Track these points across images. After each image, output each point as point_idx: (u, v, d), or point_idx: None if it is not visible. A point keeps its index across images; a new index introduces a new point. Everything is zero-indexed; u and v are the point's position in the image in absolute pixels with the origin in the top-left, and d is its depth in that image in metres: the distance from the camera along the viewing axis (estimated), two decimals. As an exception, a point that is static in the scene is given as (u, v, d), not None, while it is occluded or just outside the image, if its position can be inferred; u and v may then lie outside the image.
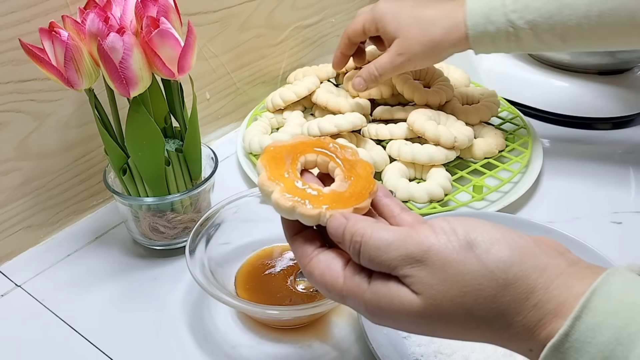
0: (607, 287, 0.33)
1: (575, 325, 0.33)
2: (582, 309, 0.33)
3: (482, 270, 0.35)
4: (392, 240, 0.37)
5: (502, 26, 0.65)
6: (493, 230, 0.36)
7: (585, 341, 0.32)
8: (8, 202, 0.64)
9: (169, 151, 0.61)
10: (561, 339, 0.33)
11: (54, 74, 0.54)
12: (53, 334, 0.58)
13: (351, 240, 0.38)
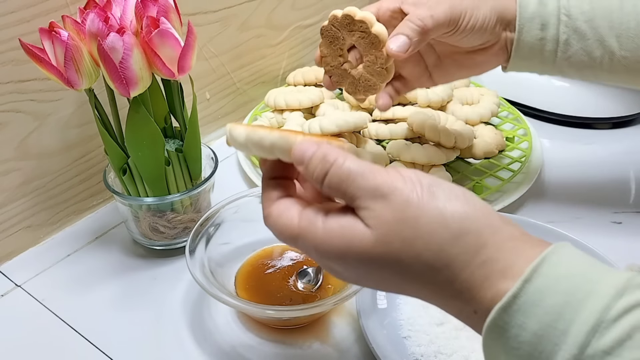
0: (557, 256, 0.33)
1: (524, 288, 0.32)
2: (532, 272, 0.33)
3: (438, 217, 0.35)
4: (363, 171, 0.37)
5: (554, 10, 0.57)
6: (455, 188, 0.37)
7: (533, 303, 0.32)
8: (8, 202, 0.64)
9: (169, 151, 0.61)
10: (509, 300, 0.33)
11: (54, 74, 0.54)
12: (53, 334, 0.58)
13: (320, 162, 0.37)
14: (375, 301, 0.58)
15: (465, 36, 0.57)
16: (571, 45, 0.57)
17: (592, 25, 0.56)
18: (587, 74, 0.59)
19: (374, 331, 0.54)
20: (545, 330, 0.32)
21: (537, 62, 0.59)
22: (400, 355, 0.53)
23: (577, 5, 0.56)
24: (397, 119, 0.78)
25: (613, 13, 0.56)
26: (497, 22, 0.57)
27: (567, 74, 0.59)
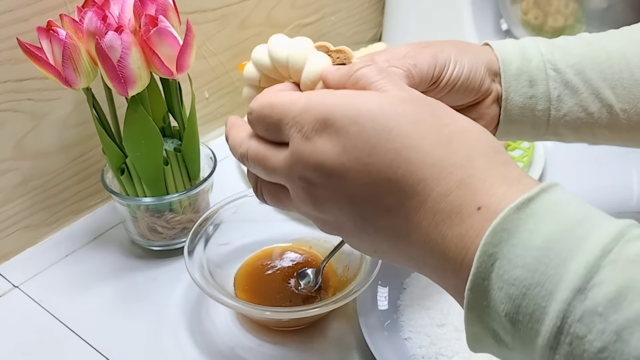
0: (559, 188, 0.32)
1: (541, 195, 0.30)
2: (549, 186, 0.31)
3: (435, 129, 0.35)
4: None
5: (540, 65, 0.50)
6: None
7: (549, 209, 0.30)
8: (5, 202, 0.64)
9: (168, 151, 0.61)
10: (523, 202, 0.30)
11: (52, 73, 0.54)
12: (51, 335, 0.58)
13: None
14: (375, 302, 0.58)
15: (454, 87, 0.48)
16: (564, 102, 0.50)
17: (584, 78, 0.49)
18: (585, 133, 0.52)
19: (374, 333, 0.54)
20: (561, 234, 0.29)
21: (529, 125, 0.51)
22: (400, 357, 0.53)
23: (562, 59, 0.50)
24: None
25: (602, 64, 0.50)
26: (486, 72, 0.49)
27: (562, 135, 0.52)
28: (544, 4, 0.84)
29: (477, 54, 0.49)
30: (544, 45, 0.51)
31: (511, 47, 0.50)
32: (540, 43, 0.51)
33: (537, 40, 0.51)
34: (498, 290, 0.30)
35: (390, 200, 0.34)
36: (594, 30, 0.82)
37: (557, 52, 0.50)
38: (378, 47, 0.84)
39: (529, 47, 0.50)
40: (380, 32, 1.07)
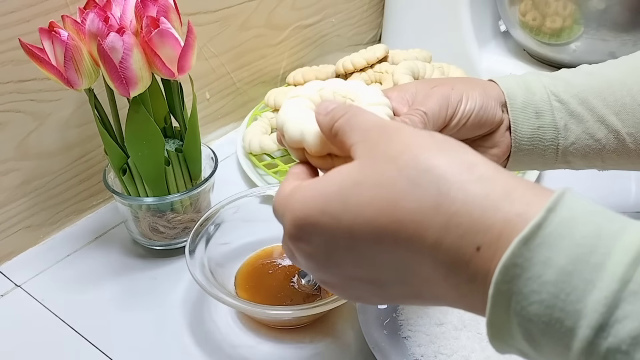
0: (574, 192, 0.29)
1: (549, 217, 0.28)
2: (556, 203, 0.28)
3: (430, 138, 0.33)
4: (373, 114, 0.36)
5: (544, 97, 0.50)
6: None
7: (560, 235, 0.27)
8: (8, 202, 0.64)
9: (169, 151, 0.61)
10: (532, 231, 0.28)
11: (54, 73, 0.54)
12: (53, 334, 0.58)
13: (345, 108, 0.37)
14: (375, 301, 0.58)
15: (465, 127, 0.48)
16: (571, 130, 0.50)
17: (588, 107, 0.50)
18: (594, 159, 0.52)
19: (373, 331, 0.54)
20: (575, 265, 0.27)
21: (538, 155, 0.51)
22: (400, 355, 0.53)
23: (565, 90, 0.50)
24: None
25: (604, 92, 0.50)
26: (496, 104, 0.49)
27: (572, 163, 0.52)
28: (542, 6, 0.84)
29: (485, 88, 0.50)
30: (546, 79, 0.51)
31: (514, 82, 0.51)
32: (542, 77, 0.51)
33: (539, 74, 0.52)
34: (517, 326, 0.29)
35: (389, 274, 0.33)
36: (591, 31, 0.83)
37: (559, 84, 0.50)
38: (377, 48, 0.84)
39: (531, 80, 0.51)
40: (380, 34, 1.07)
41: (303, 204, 0.34)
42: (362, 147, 0.34)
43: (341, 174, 0.34)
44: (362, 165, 0.33)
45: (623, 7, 0.80)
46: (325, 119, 0.37)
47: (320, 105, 0.38)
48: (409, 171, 0.31)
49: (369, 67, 0.84)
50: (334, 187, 0.33)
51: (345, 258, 0.34)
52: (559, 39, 0.85)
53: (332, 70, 0.87)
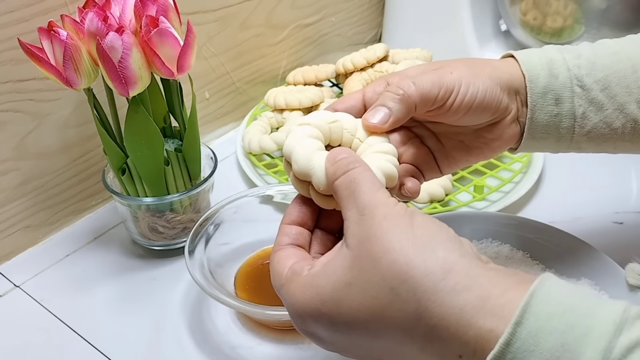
0: (545, 290, 0.30)
1: (516, 332, 0.29)
2: (523, 313, 0.30)
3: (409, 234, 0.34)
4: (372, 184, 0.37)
5: (566, 82, 0.48)
6: (435, 218, 0.36)
7: (528, 349, 0.29)
8: (6, 202, 0.64)
9: (168, 151, 0.61)
10: (502, 349, 0.29)
11: (53, 73, 0.54)
12: (51, 334, 0.58)
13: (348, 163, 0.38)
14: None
15: (468, 110, 0.47)
16: (589, 119, 0.49)
17: (609, 94, 0.48)
18: (607, 147, 0.51)
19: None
20: None
21: (552, 141, 0.50)
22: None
23: (589, 73, 0.48)
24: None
25: (628, 78, 0.48)
26: (503, 92, 0.47)
27: (584, 149, 0.51)
28: (543, 5, 0.84)
29: (493, 74, 0.47)
30: (570, 58, 0.49)
31: (538, 61, 0.49)
32: (566, 54, 0.49)
33: (563, 52, 0.50)
34: None
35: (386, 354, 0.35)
36: (592, 31, 0.83)
37: (583, 66, 0.48)
38: (378, 48, 0.84)
39: (555, 60, 0.49)
40: (380, 33, 1.07)
41: (302, 302, 0.36)
42: (354, 235, 0.36)
43: (336, 272, 0.35)
44: (352, 264, 0.35)
45: (624, 6, 0.80)
46: (331, 170, 0.39)
47: (332, 152, 0.40)
48: (390, 280, 0.33)
49: (369, 67, 0.84)
50: (329, 288, 0.35)
51: (345, 342, 0.37)
52: (559, 38, 0.85)
53: (332, 69, 0.86)
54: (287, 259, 0.39)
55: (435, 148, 0.50)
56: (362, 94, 0.47)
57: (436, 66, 0.47)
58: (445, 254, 0.33)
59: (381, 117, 0.44)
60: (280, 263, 0.39)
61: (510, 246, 0.60)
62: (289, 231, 0.41)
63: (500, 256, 0.59)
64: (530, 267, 0.58)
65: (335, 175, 0.38)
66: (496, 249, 0.60)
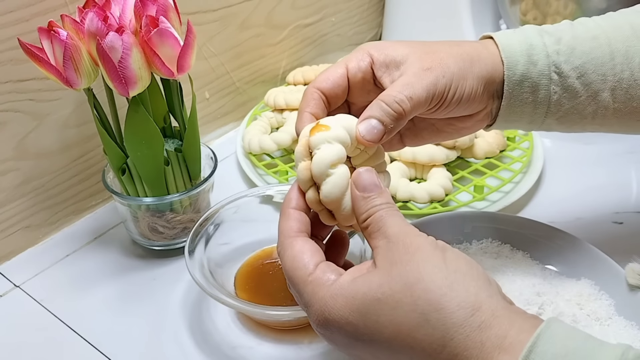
0: (550, 331, 0.33)
1: None
2: (529, 353, 0.33)
3: (441, 267, 0.36)
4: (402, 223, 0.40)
5: (544, 69, 0.48)
6: (464, 254, 0.38)
7: None
8: (6, 202, 0.64)
9: (168, 151, 0.61)
10: None
11: (53, 73, 0.54)
12: (51, 334, 0.58)
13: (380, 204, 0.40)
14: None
15: (449, 110, 0.48)
16: (563, 105, 0.50)
17: (585, 82, 0.49)
18: (576, 129, 0.53)
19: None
20: None
21: (524, 123, 0.52)
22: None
23: (567, 60, 0.49)
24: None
25: (605, 65, 0.49)
26: (484, 91, 0.48)
27: (554, 130, 0.53)
28: (543, 5, 0.84)
29: (480, 72, 0.48)
30: (550, 42, 0.49)
31: (517, 46, 0.49)
32: (547, 38, 0.49)
33: (543, 35, 0.49)
34: None
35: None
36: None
37: (562, 52, 0.49)
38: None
39: (536, 45, 0.49)
40: (380, 33, 1.07)
41: (330, 308, 0.38)
42: (385, 258, 0.38)
43: (365, 286, 0.37)
44: (382, 282, 0.37)
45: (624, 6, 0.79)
46: (361, 204, 0.41)
47: (361, 181, 0.41)
48: (422, 305, 0.35)
49: (369, 67, 0.84)
50: (358, 299, 0.37)
51: (362, 351, 0.38)
52: (559, 38, 0.85)
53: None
54: (312, 254, 0.40)
55: (406, 126, 0.49)
56: (345, 69, 0.47)
57: (428, 63, 0.46)
58: (477, 292, 0.36)
59: (376, 134, 0.44)
60: (304, 255, 0.40)
61: (510, 246, 0.60)
62: (298, 216, 0.42)
63: (500, 256, 0.59)
64: (530, 267, 0.58)
65: (368, 214, 0.40)
66: (496, 249, 0.60)
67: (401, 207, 0.69)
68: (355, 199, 0.41)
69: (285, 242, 0.41)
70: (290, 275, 0.40)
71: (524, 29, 0.50)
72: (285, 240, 0.41)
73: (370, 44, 0.48)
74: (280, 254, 0.41)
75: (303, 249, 0.40)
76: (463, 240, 0.61)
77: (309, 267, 0.39)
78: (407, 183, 0.70)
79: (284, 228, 0.42)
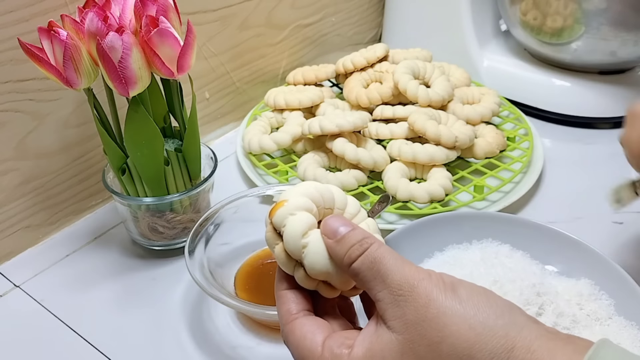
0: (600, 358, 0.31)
1: None
2: None
3: (462, 316, 0.33)
4: (395, 259, 0.35)
5: None
6: (476, 286, 0.35)
7: None
8: (7, 202, 0.64)
9: (168, 151, 0.61)
10: None
11: (53, 73, 0.54)
12: (52, 334, 0.58)
13: (360, 241, 0.36)
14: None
15: None
16: None
17: None
18: None
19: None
20: None
21: None
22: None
23: None
24: (398, 119, 0.78)
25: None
26: None
27: None
28: (543, 5, 0.84)
29: None
30: None
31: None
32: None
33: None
34: None
35: None
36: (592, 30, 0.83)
37: None
38: (378, 47, 0.84)
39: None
40: (380, 33, 1.07)
41: None
42: (396, 316, 0.34)
43: (385, 358, 0.34)
44: (403, 349, 0.34)
45: (624, 6, 0.80)
46: (339, 250, 0.37)
47: (327, 224, 0.38)
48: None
49: (369, 67, 0.84)
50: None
51: None
52: (559, 38, 0.85)
53: (332, 69, 0.87)
54: (314, 333, 0.37)
55: None
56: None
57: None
58: (506, 331, 0.33)
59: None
60: (308, 338, 0.37)
61: (510, 246, 0.60)
62: (292, 296, 0.39)
63: (500, 256, 0.59)
64: (530, 267, 0.58)
65: (350, 258, 0.36)
66: (496, 249, 0.60)
67: (401, 207, 0.69)
68: (330, 248, 0.37)
69: (286, 328, 0.38)
70: (297, 358, 0.37)
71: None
72: (285, 327, 0.38)
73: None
74: (285, 343, 0.39)
75: (303, 332, 0.37)
76: (463, 240, 0.61)
77: (317, 348, 0.36)
78: (407, 183, 0.70)
79: (282, 314, 0.39)
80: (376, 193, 0.71)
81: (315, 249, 0.37)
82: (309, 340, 0.37)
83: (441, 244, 0.61)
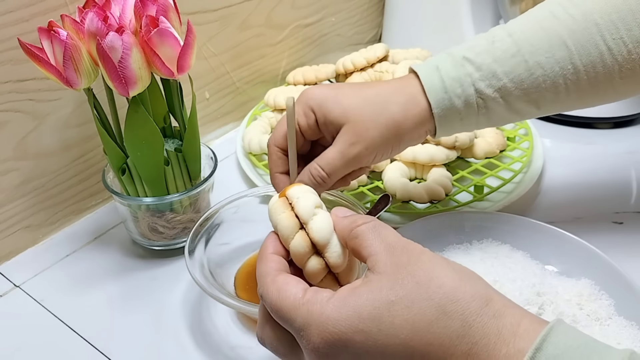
0: (562, 327, 0.34)
1: (536, 356, 0.33)
2: (542, 341, 0.33)
3: (448, 268, 0.37)
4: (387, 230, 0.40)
5: (470, 98, 0.53)
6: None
7: None
8: (7, 202, 0.64)
9: (168, 151, 0.61)
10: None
11: (53, 73, 0.54)
12: (52, 334, 0.58)
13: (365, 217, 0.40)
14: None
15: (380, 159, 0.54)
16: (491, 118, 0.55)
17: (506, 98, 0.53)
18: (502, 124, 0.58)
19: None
20: None
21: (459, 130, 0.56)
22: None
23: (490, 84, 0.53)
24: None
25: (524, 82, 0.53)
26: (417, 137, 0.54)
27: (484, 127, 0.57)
28: (543, 5, 0.84)
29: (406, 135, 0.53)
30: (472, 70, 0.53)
31: (440, 86, 0.53)
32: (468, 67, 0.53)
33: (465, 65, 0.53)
34: None
35: None
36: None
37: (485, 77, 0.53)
38: (378, 47, 0.84)
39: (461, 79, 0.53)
40: (380, 33, 1.07)
41: (336, 321, 0.36)
42: (388, 263, 0.37)
43: (373, 292, 0.36)
44: (392, 285, 0.36)
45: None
46: (346, 221, 0.41)
47: (338, 209, 0.42)
48: (438, 299, 0.35)
49: (369, 67, 0.84)
50: (368, 305, 0.36)
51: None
52: (559, 38, 0.85)
53: (332, 69, 0.86)
54: (297, 282, 0.39)
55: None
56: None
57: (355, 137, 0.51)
58: (486, 286, 0.37)
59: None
60: (289, 286, 0.38)
61: (510, 246, 0.60)
62: (277, 259, 0.41)
63: (500, 256, 0.59)
64: (530, 267, 0.58)
65: (355, 223, 0.40)
66: (496, 249, 0.60)
67: (401, 207, 0.69)
68: (338, 221, 0.41)
69: (267, 279, 0.39)
70: (278, 308, 0.38)
71: (445, 61, 0.54)
72: (266, 278, 0.39)
73: (309, 96, 0.52)
74: (263, 295, 0.39)
75: (287, 280, 0.39)
76: (463, 240, 0.61)
77: (298, 293, 0.38)
78: (406, 183, 0.70)
79: (263, 270, 0.40)
80: (376, 193, 0.71)
81: (323, 218, 0.41)
82: (292, 287, 0.38)
83: (441, 244, 0.61)
